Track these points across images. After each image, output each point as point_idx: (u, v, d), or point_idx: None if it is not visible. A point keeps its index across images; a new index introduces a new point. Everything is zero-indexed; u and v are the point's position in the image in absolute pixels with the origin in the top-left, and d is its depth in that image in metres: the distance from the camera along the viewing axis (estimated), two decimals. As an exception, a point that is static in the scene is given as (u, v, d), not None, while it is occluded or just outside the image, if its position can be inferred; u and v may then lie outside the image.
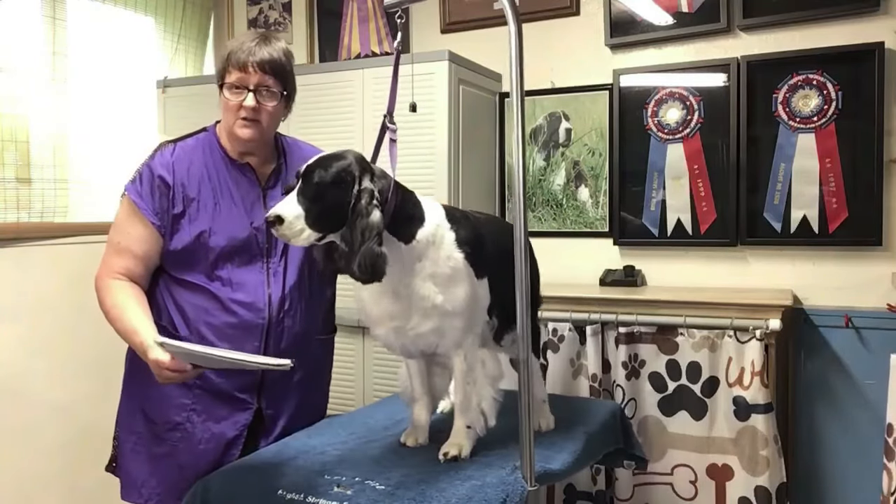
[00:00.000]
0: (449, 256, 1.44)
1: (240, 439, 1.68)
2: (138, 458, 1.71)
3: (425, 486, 1.34)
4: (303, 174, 1.37)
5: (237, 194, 1.71)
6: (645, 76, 2.80)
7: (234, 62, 1.63)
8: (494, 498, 1.30)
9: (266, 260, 1.71)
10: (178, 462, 1.67)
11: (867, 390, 2.48)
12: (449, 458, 1.47)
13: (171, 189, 1.67)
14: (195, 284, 1.67)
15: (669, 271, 2.80)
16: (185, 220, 1.67)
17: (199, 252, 1.67)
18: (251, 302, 1.66)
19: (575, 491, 2.54)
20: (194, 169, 1.70)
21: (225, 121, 1.70)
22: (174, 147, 1.73)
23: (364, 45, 3.37)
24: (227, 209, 1.69)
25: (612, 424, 1.85)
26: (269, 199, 1.72)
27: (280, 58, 1.67)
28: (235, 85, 1.64)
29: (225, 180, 1.71)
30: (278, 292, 1.70)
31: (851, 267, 2.55)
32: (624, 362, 2.47)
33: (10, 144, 2.67)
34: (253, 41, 1.65)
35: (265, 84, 1.64)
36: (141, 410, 1.72)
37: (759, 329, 2.28)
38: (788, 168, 2.60)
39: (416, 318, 1.44)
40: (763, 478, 2.29)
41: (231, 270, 1.68)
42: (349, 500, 1.31)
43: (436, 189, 2.61)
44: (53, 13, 2.76)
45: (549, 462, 1.46)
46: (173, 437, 1.68)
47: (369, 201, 1.35)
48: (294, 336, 1.72)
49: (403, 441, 1.60)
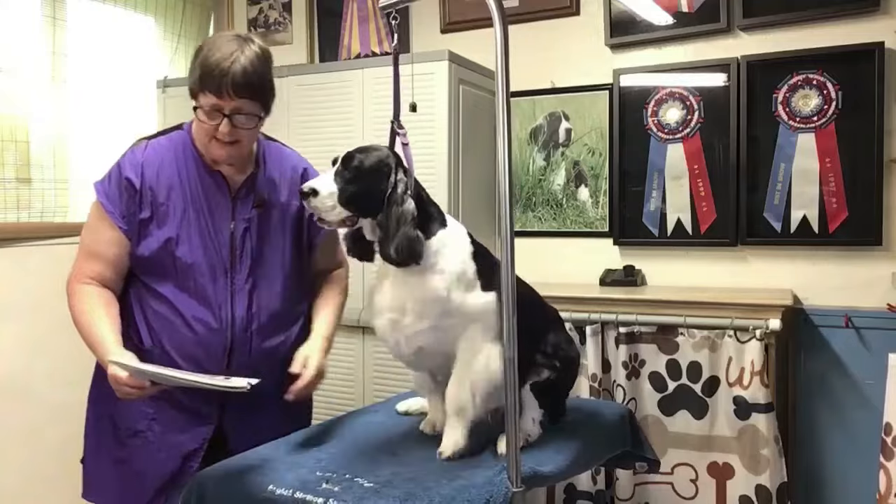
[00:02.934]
0: (463, 261, 1.47)
1: (199, 452, 1.63)
2: (100, 459, 1.68)
3: (413, 484, 1.34)
4: (343, 158, 1.44)
5: (207, 204, 1.62)
6: (645, 76, 2.81)
7: (208, 84, 1.50)
8: (478, 498, 1.29)
9: (230, 276, 1.63)
10: (135, 469, 1.63)
11: (867, 390, 2.49)
12: (444, 459, 1.47)
13: (139, 192, 1.58)
14: (163, 295, 1.60)
15: (669, 271, 2.80)
16: (153, 225, 1.59)
17: (166, 260, 1.59)
18: (212, 320, 1.60)
19: (575, 490, 2.54)
20: (165, 171, 1.61)
21: (198, 136, 1.60)
22: (146, 145, 1.63)
23: (364, 45, 3.37)
24: (195, 218, 1.61)
25: (618, 427, 1.82)
26: (238, 209, 1.64)
27: (257, 71, 1.53)
28: (210, 110, 1.52)
29: (196, 187, 1.62)
30: (242, 311, 1.62)
31: (851, 267, 2.55)
32: (624, 362, 2.47)
33: (10, 144, 2.67)
34: (228, 59, 1.49)
35: (242, 111, 1.54)
36: (108, 413, 1.67)
37: (759, 329, 2.28)
38: (788, 168, 2.60)
39: (414, 315, 1.44)
40: (764, 477, 2.29)
41: (197, 284, 1.60)
42: (336, 496, 1.31)
43: (436, 189, 2.61)
44: (53, 13, 2.76)
45: (540, 464, 1.44)
46: (134, 444, 1.63)
47: (404, 190, 1.43)
48: (263, 354, 1.65)
49: (422, 429, 1.65)
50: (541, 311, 1.65)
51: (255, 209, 1.67)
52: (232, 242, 1.63)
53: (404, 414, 1.78)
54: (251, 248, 1.66)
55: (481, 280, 1.48)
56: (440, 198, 2.60)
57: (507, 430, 1.33)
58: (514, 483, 1.31)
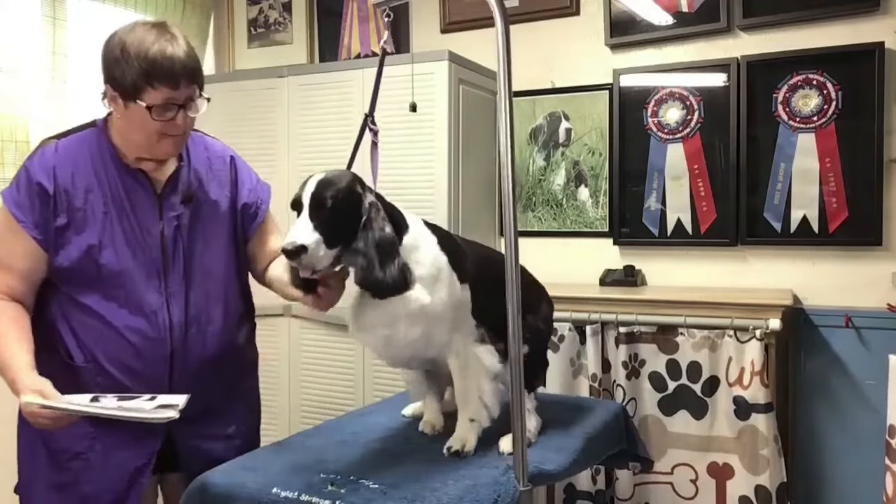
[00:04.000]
0: (434, 258, 1.45)
1: (147, 467, 1.54)
2: (39, 488, 1.55)
3: (419, 485, 1.35)
4: (311, 200, 1.33)
5: (129, 204, 1.51)
6: (645, 76, 2.80)
7: (161, 77, 1.40)
8: (486, 498, 1.30)
9: (164, 279, 1.53)
10: (81, 491, 1.51)
11: (867, 390, 2.48)
12: (452, 453, 1.47)
13: (52, 198, 1.46)
14: (89, 307, 1.49)
15: (669, 271, 2.80)
16: (72, 231, 1.47)
17: (90, 269, 1.47)
18: (148, 329, 1.50)
19: (575, 490, 2.54)
20: (80, 173, 1.49)
21: (138, 137, 1.48)
22: (56, 146, 1.51)
23: (364, 45, 3.37)
24: (118, 221, 1.50)
25: (614, 425, 1.84)
26: (165, 208, 1.54)
27: (194, 54, 1.47)
28: (163, 104, 1.42)
29: (117, 187, 1.51)
30: (179, 315, 1.53)
31: (851, 267, 2.55)
32: (624, 362, 2.47)
33: (10, 144, 2.67)
34: (168, 48, 1.41)
35: (193, 97, 1.46)
36: (41, 439, 1.53)
37: (759, 329, 2.28)
38: (788, 168, 2.60)
39: (404, 326, 1.42)
40: (763, 477, 2.29)
41: (127, 291, 1.49)
42: (342, 498, 1.31)
43: (435, 189, 2.61)
44: (53, 13, 2.76)
45: (544, 463, 1.45)
46: (75, 466, 1.51)
47: (378, 214, 1.37)
48: (207, 359, 1.57)
49: (421, 429, 1.65)
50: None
51: (184, 205, 1.57)
52: (162, 243, 1.53)
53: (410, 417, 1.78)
54: (183, 247, 1.56)
55: (457, 272, 1.47)
56: (440, 198, 2.60)
57: (513, 429, 1.34)
58: (522, 482, 1.33)
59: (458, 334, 1.48)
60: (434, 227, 1.53)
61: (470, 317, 1.50)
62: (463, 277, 1.48)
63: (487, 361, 1.49)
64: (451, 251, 1.49)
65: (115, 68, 1.43)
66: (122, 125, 1.50)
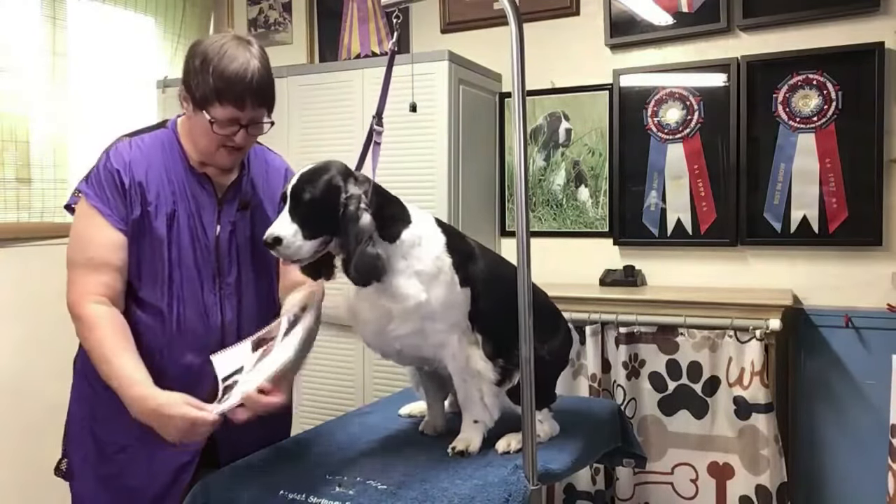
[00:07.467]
0: (437, 257, 1.45)
1: (191, 465, 1.55)
2: (86, 476, 1.60)
3: (428, 485, 1.34)
4: (291, 193, 1.38)
5: (195, 205, 1.57)
6: (645, 76, 2.81)
7: (230, 96, 1.45)
8: (497, 497, 1.30)
9: (219, 280, 1.58)
10: (126, 484, 1.56)
11: (867, 390, 2.49)
12: (456, 453, 1.47)
13: (128, 191, 1.51)
14: (150, 303, 1.53)
15: (669, 271, 2.80)
16: (143, 226, 1.52)
17: (156, 264, 1.52)
18: (204, 327, 1.55)
19: (575, 490, 2.54)
20: (153, 170, 1.54)
21: (200, 142, 1.54)
22: (130, 143, 1.57)
23: (364, 46, 3.37)
24: (184, 219, 1.55)
25: (611, 423, 1.85)
26: (224, 213, 1.60)
27: (270, 79, 1.52)
28: (227, 121, 1.47)
29: (184, 188, 1.56)
30: (232, 316, 1.58)
31: (851, 267, 2.55)
32: (624, 362, 2.47)
33: (10, 144, 2.68)
34: (245, 69, 1.45)
35: (257, 119, 1.51)
36: (90, 429, 1.58)
37: (759, 329, 2.28)
38: (788, 168, 2.60)
39: (397, 321, 1.42)
40: (764, 477, 2.29)
41: (187, 289, 1.54)
42: (351, 499, 1.31)
43: (436, 189, 2.61)
44: (53, 13, 2.77)
45: (549, 462, 1.46)
46: (121, 459, 1.55)
47: (357, 206, 1.38)
48: None
49: (422, 430, 1.64)
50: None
51: (240, 212, 1.63)
52: (217, 246, 1.59)
53: (407, 416, 1.78)
54: (237, 251, 1.62)
55: (459, 274, 1.46)
56: (440, 198, 2.60)
57: (523, 429, 1.34)
58: (532, 481, 1.33)
59: (456, 336, 1.48)
60: (447, 228, 1.52)
61: (465, 319, 1.50)
62: (465, 281, 1.48)
63: (479, 366, 1.48)
64: (459, 253, 1.49)
65: (191, 76, 1.48)
66: (189, 127, 1.56)
